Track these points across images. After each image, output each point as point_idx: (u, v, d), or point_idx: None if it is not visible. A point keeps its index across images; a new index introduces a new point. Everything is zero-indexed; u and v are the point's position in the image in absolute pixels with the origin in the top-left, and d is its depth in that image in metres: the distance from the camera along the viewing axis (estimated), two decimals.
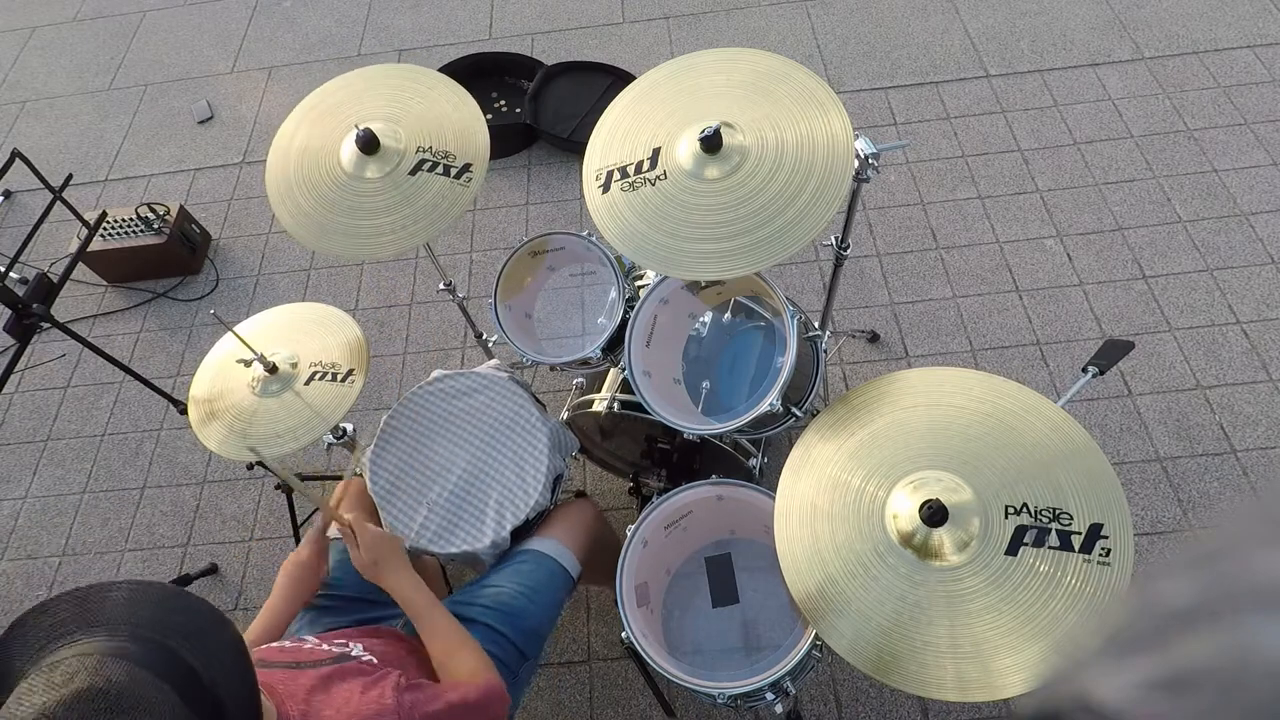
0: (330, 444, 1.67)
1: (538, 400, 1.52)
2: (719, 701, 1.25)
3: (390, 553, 1.18)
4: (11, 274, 1.96)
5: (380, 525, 1.43)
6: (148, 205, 2.61)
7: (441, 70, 2.83)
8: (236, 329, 1.54)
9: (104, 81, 3.48)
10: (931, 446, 1.17)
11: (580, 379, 1.68)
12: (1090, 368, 1.41)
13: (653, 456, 1.74)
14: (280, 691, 0.85)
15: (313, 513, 2.13)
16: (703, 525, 1.50)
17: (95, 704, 0.60)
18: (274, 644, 1.07)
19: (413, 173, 1.47)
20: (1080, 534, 1.06)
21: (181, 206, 2.69)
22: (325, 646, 1.04)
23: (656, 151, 1.33)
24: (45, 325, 1.63)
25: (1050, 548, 1.06)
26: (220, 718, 0.66)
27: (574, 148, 2.80)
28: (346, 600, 1.31)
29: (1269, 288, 2.25)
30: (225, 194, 2.98)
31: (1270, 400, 2.07)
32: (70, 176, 1.98)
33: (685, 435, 1.47)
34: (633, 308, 1.55)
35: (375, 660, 1.03)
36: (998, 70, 2.86)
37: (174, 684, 0.64)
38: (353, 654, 1.03)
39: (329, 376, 1.55)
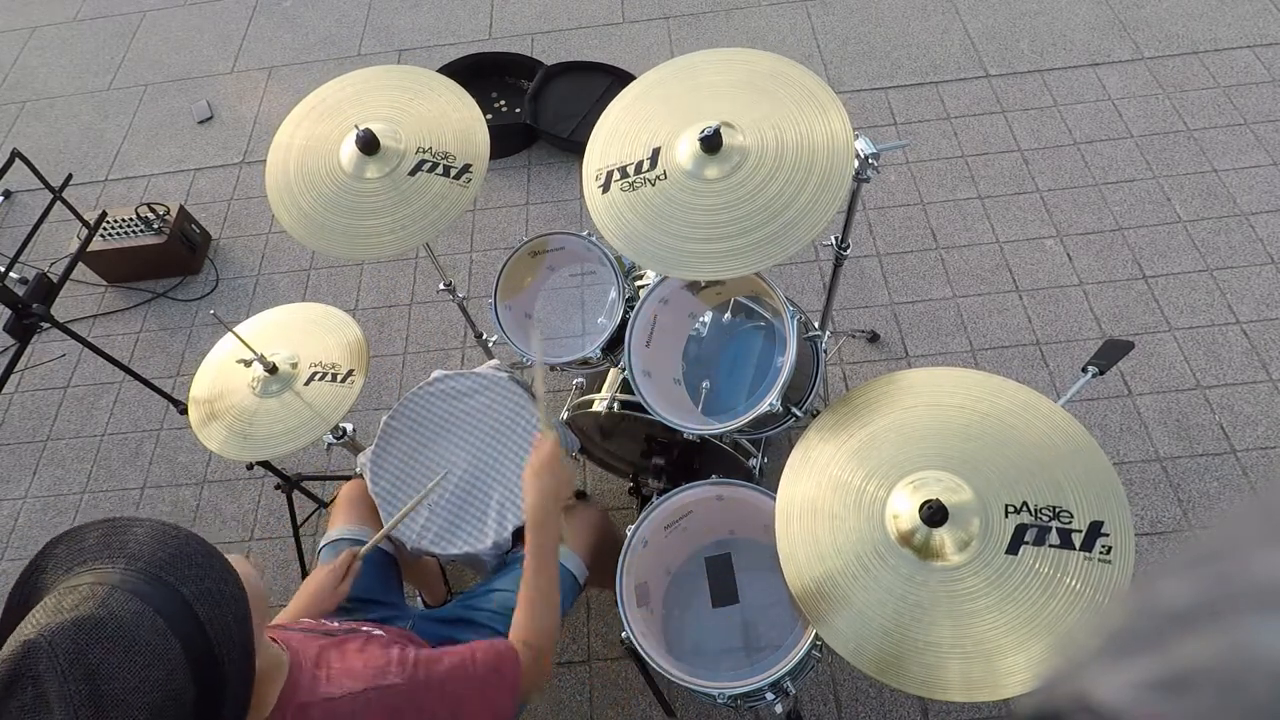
0: (330, 444, 1.67)
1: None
2: (719, 701, 1.25)
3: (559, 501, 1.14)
4: (11, 274, 1.96)
5: (381, 527, 1.43)
6: (148, 205, 2.61)
7: (441, 70, 2.84)
8: (236, 329, 1.54)
9: (104, 81, 3.48)
10: (931, 446, 1.17)
11: (580, 379, 1.68)
12: (1090, 368, 1.41)
13: (652, 456, 1.74)
14: (295, 646, 0.88)
15: (313, 512, 2.13)
16: (703, 525, 1.50)
17: (94, 633, 0.61)
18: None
19: (412, 173, 1.47)
20: (1080, 532, 1.06)
21: (181, 206, 2.69)
22: (337, 624, 1.10)
23: (656, 151, 1.32)
24: (45, 325, 1.63)
25: (1051, 546, 1.06)
26: (220, 684, 0.67)
27: (574, 148, 2.80)
28: (357, 602, 1.33)
29: (1269, 288, 2.25)
30: (225, 194, 2.98)
31: (1270, 400, 2.07)
32: (70, 176, 1.98)
33: (685, 435, 1.47)
34: (633, 308, 1.55)
35: (385, 635, 1.07)
36: (998, 70, 2.86)
37: (181, 638, 0.64)
38: (363, 629, 1.08)
39: (329, 377, 1.55)
